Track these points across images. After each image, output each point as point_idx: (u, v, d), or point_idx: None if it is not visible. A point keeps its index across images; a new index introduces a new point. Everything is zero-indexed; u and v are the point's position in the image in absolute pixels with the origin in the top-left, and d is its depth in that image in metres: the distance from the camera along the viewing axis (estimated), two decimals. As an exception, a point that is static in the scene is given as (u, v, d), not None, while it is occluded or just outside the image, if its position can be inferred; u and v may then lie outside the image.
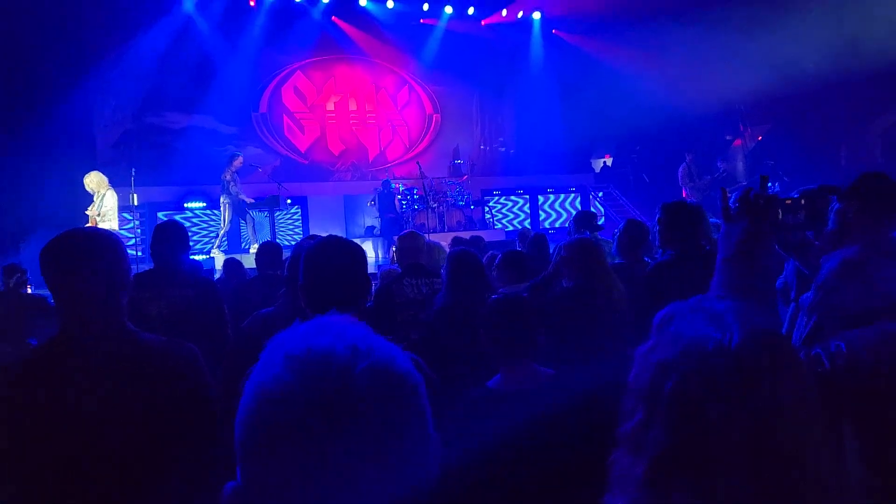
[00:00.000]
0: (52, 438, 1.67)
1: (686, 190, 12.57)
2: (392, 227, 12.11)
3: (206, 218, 13.08)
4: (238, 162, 10.94)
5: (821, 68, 12.33)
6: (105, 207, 9.08)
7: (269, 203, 11.42)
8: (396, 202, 13.32)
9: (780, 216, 1.62)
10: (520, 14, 16.68)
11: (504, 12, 16.51)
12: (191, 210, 13.10)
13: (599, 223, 5.88)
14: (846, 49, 11.62)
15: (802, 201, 1.67)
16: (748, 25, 13.30)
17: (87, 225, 8.79)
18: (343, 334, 0.76)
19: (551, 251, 4.78)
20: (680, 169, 12.84)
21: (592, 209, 12.53)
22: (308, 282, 2.00)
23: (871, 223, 2.69)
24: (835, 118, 13.38)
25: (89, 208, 9.16)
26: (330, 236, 2.14)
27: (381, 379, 0.73)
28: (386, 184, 13.34)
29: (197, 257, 10.23)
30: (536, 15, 16.73)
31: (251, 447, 0.73)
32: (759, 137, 15.08)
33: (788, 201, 1.65)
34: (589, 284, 3.51)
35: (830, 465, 0.88)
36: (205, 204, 13.02)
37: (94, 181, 9.15)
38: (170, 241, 3.70)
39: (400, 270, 4.54)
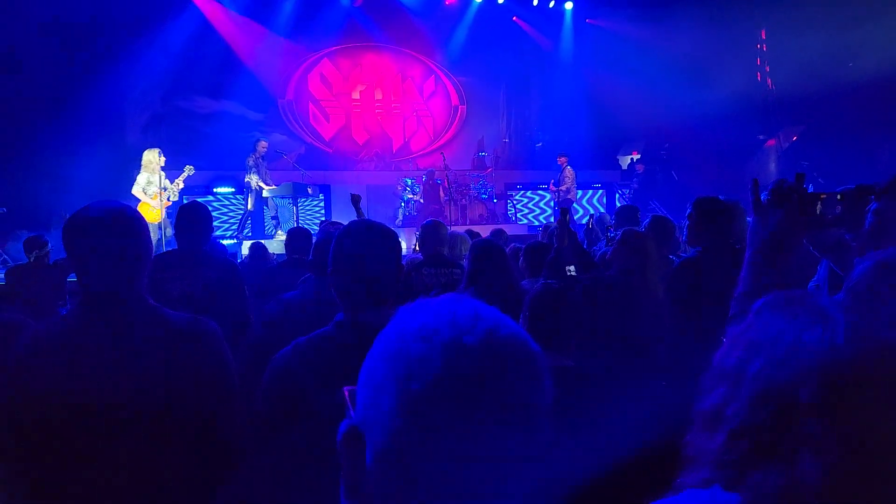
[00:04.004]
0: (70, 408, 1.68)
1: None
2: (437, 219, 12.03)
3: (233, 203, 13.11)
4: (262, 147, 10.97)
5: (859, 67, 12.09)
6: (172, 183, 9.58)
7: (291, 190, 11.44)
8: (442, 193, 13.23)
9: (819, 210, 1.57)
10: (552, 3, 16.46)
11: (535, 1, 16.29)
12: (219, 195, 13.10)
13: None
14: (883, 48, 11.38)
15: (838, 196, 1.63)
16: (784, 23, 13.07)
17: (152, 201, 9.39)
18: (479, 306, 0.77)
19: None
20: None
21: (618, 205, 12.41)
22: (338, 267, 1.89)
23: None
24: (873, 118, 13.08)
25: (154, 187, 9.37)
26: (362, 220, 2.07)
27: (523, 346, 0.75)
28: (430, 174, 13.29)
29: (223, 242, 10.25)
30: (569, 5, 16.43)
31: (393, 395, 0.71)
32: (795, 138, 14.81)
33: (823, 195, 1.60)
34: (639, 274, 3.42)
35: None
36: (233, 189, 13.01)
37: (157, 158, 9.52)
38: (193, 223, 3.75)
39: (422, 258, 4.52)
